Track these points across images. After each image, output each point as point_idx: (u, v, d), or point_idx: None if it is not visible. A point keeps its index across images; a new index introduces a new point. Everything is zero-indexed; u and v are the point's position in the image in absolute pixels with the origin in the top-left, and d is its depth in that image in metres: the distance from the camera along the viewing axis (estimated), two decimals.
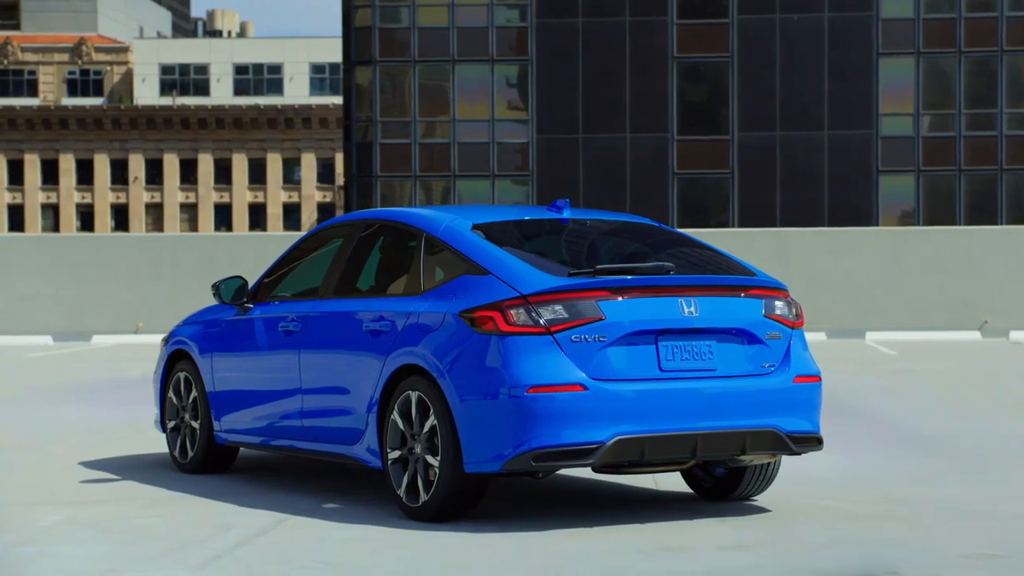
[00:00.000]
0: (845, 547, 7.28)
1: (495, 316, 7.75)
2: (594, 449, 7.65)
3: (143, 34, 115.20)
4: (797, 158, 52.91)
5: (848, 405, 14.72)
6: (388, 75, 54.05)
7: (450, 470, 7.85)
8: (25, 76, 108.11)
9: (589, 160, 53.02)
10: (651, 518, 8.11)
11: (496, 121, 53.96)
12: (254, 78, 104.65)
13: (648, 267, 8.06)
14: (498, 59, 53.87)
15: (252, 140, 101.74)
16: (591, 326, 7.73)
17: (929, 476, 9.77)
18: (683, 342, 7.94)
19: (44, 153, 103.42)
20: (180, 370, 10.25)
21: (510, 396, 7.63)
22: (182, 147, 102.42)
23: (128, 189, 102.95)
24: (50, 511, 8.42)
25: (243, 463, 10.50)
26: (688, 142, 53.30)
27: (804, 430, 8.19)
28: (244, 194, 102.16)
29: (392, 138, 53.93)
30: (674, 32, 53.23)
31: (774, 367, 8.17)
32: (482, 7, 53.83)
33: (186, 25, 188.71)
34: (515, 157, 54.14)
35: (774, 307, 8.25)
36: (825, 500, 8.74)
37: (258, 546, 7.38)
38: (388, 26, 54.06)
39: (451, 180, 54.25)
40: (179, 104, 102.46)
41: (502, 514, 8.23)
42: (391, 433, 8.21)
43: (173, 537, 7.59)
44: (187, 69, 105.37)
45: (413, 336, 8.12)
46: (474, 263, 8.09)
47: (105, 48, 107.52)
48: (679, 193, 53.20)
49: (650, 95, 53.23)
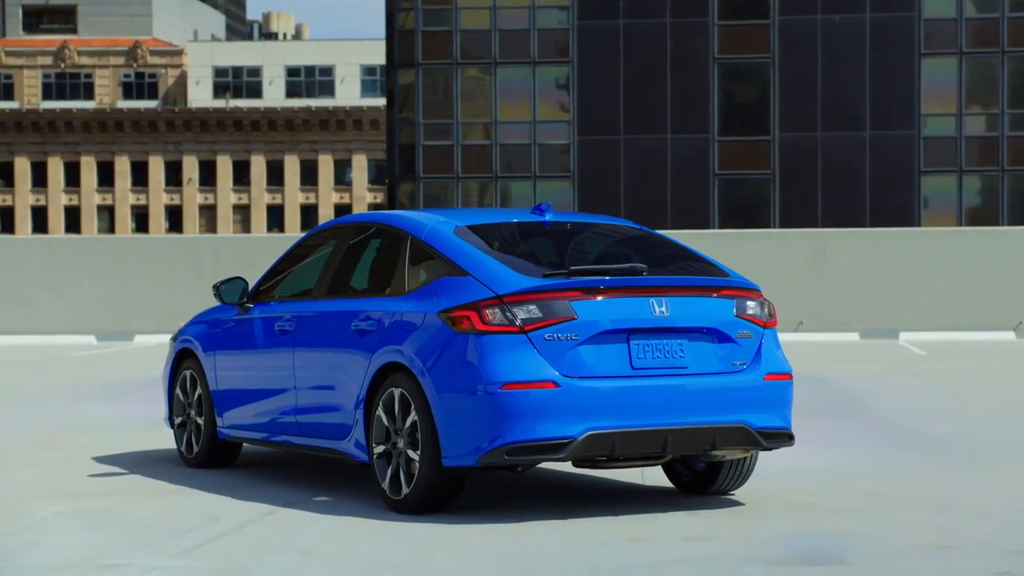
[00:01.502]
0: (802, 538, 7.53)
1: (471, 316, 8.05)
2: (566, 443, 7.94)
3: (197, 37, 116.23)
4: (838, 159, 52.93)
5: (860, 404, 14.93)
6: (431, 77, 54.50)
7: (429, 464, 8.15)
8: (82, 79, 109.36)
9: (630, 161, 53.25)
10: (626, 511, 8.38)
11: (537, 122, 54.29)
12: (306, 80, 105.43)
13: (620, 268, 8.34)
14: (540, 61, 54.20)
15: (304, 142, 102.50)
16: (563, 325, 8.02)
17: (914, 473, 9.98)
18: (654, 341, 8.21)
19: (100, 155, 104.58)
20: (186, 368, 10.61)
21: (485, 392, 7.93)
22: (235, 149, 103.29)
23: (182, 191, 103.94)
24: (52, 503, 8.79)
25: (246, 458, 10.85)
26: (729, 143, 53.45)
27: (774, 426, 8.44)
28: (296, 195, 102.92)
29: (435, 139, 54.38)
30: (715, 33, 53.39)
31: (745, 365, 8.42)
32: (524, 9, 54.18)
33: (241, 28, 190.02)
34: (556, 158, 54.44)
35: (746, 307, 8.50)
36: (801, 495, 8.99)
37: (241, 536, 7.72)
38: (431, 29, 54.51)
39: (493, 181, 54.61)
40: (232, 106, 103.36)
41: (482, 507, 8.53)
42: (376, 428, 8.52)
43: (162, 527, 7.94)
44: (240, 72, 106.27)
45: (397, 335, 8.43)
46: (455, 264, 8.40)
47: (160, 51, 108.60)
48: (720, 194, 53.35)
49: (691, 96, 53.40)
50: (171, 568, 6.86)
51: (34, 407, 15.08)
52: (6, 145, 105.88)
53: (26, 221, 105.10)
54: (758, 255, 28.56)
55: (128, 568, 6.85)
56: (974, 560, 6.96)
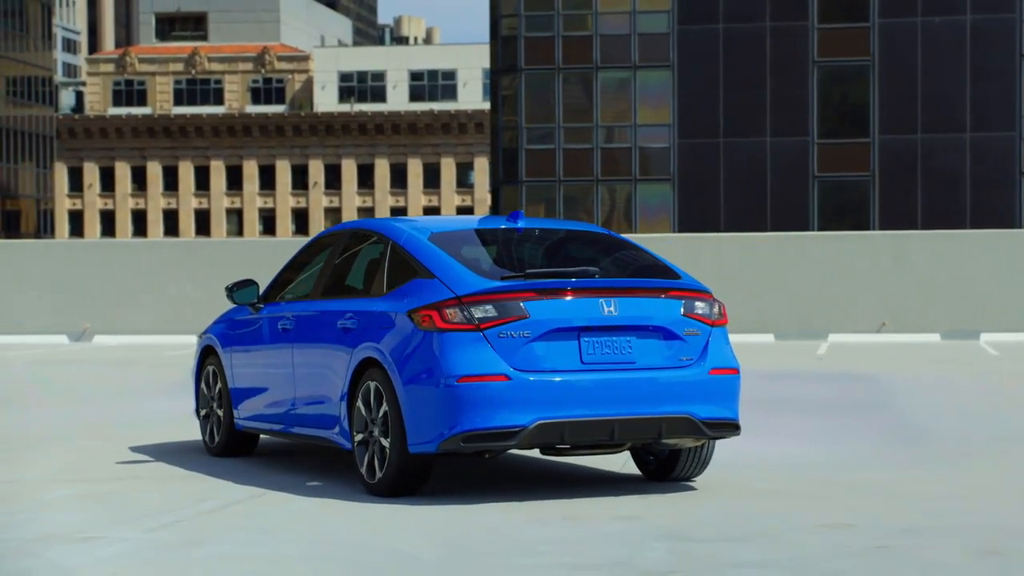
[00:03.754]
0: (722, 517, 8.16)
1: (433, 315, 8.81)
2: (517, 432, 8.66)
3: (324, 43, 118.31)
4: (938, 160, 52.82)
5: (886, 401, 15.35)
6: (533, 82, 55.35)
7: (398, 450, 8.92)
8: (212, 85, 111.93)
9: (730, 164, 53.64)
10: (580, 495, 9.06)
11: (638, 126, 54.89)
12: (429, 84, 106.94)
13: (572, 271, 9.03)
14: (640, 65, 54.79)
15: (427, 145, 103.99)
16: (517, 323, 8.74)
17: (879, 464, 10.49)
18: (604, 338, 8.89)
19: (228, 159, 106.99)
20: (209, 364, 11.50)
21: (444, 385, 8.67)
22: (359, 152, 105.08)
23: (308, 194, 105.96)
24: (65, 486, 9.68)
25: (265, 447, 11.70)
26: (829, 145, 53.60)
27: (719, 417, 9.07)
28: (419, 198, 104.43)
29: (537, 144, 55.24)
30: (815, 36, 53.57)
31: (692, 360, 9.06)
32: (624, 15, 54.83)
33: (372, 32, 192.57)
34: (657, 162, 55.00)
35: (694, 307, 9.14)
36: (755, 482, 9.59)
37: (220, 515, 8.53)
38: (533, 35, 55.35)
39: (594, 184, 55.32)
40: (356, 110, 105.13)
41: (451, 491, 9.26)
42: (356, 419, 9.31)
43: (152, 507, 8.79)
44: (364, 76, 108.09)
45: (374, 332, 9.21)
46: (424, 268, 9.16)
47: (287, 57, 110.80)
48: (819, 196, 53.51)
49: (790, 99, 53.63)
50: (139, 540, 7.69)
51: (102, 402, 16.10)
52: (139, 150, 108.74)
53: (158, 224, 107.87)
54: (842, 256, 28.85)
55: (101, 540, 7.68)
56: (864, 537, 7.53)
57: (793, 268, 28.55)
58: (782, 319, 28.30)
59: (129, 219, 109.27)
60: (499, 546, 7.45)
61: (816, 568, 6.84)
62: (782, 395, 16.42)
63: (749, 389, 17.25)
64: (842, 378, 18.88)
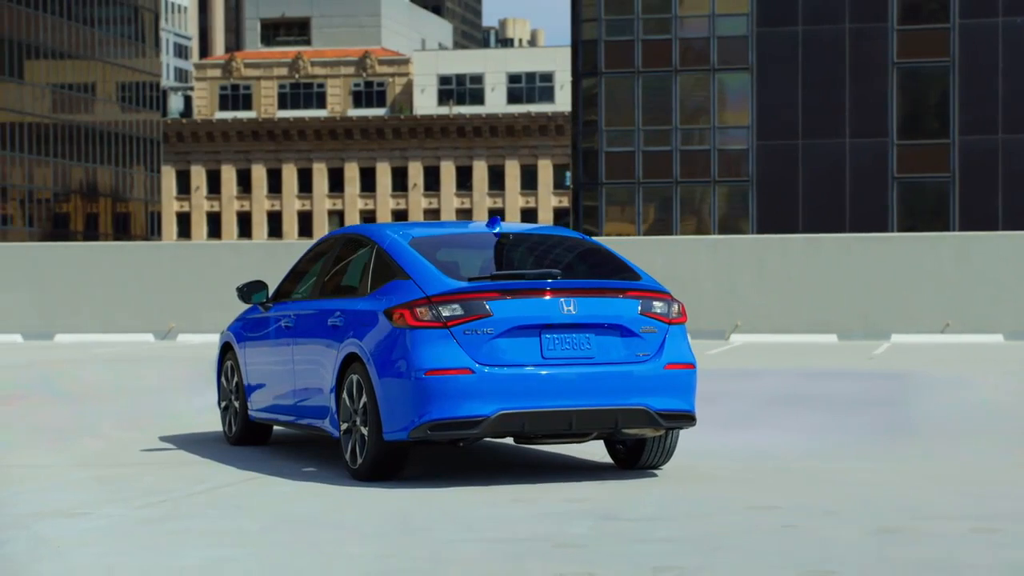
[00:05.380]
0: (661, 500, 8.78)
1: (405, 313, 9.56)
2: (479, 421, 9.37)
3: (425, 46, 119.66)
4: (1019, 161, 52.59)
5: (909, 398, 15.78)
6: (613, 86, 55.99)
7: (374, 438, 9.67)
8: (315, 89, 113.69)
9: (808, 165, 53.84)
10: (544, 480, 9.73)
11: (717, 128, 55.30)
12: (527, 86, 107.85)
13: (535, 273, 9.73)
14: (719, 68, 55.21)
15: (524, 147, 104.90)
16: (481, 321, 9.45)
17: (848, 455, 11.00)
18: (564, 335, 9.58)
19: (330, 162, 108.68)
20: (228, 359, 12.34)
21: (413, 378, 9.41)
22: (458, 155, 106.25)
23: (407, 196, 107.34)
24: (80, 470, 10.53)
25: (279, 437, 12.52)
26: (908, 146, 53.62)
27: (674, 408, 9.71)
28: (516, 199, 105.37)
29: (616, 146, 55.87)
30: (894, 37, 53.63)
31: (648, 356, 9.72)
32: (704, 18, 55.29)
33: (477, 35, 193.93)
34: (735, 163, 55.36)
35: (651, 306, 9.79)
36: (717, 470, 10.20)
37: (205, 495, 9.33)
38: (613, 39, 55.99)
39: (672, 186, 55.82)
40: (455, 113, 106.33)
41: (428, 477, 9.99)
42: (343, 409, 10.08)
43: (146, 488, 9.60)
44: (463, 79, 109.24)
45: (357, 329, 9.98)
46: (402, 270, 9.91)
47: (388, 60, 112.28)
48: (899, 197, 53.54)
49: (870, 100, 53.71)
50: (122, 516, 8.49)
51: (158, 396, 17.04)
52: (244, 153, 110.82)
53: (262, 226, 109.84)
54: (907, 256, 29.07)
55: (88, 516, 8.50)
56: (781, 517, 8.08)
57: (857, 269, 28.78)
58: (846, 320, 28.56)
59: (234, 221, 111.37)
60: (438, 522, 8.16)
61: (719, 543, 7.45)
62: (804, 392, 16.94)
63: (774, 387, 17.84)
64: (877, 377, 19.29)
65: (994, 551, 7.26)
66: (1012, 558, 7.09)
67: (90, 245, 34.92)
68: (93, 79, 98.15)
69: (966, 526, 7.92)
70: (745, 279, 28.96)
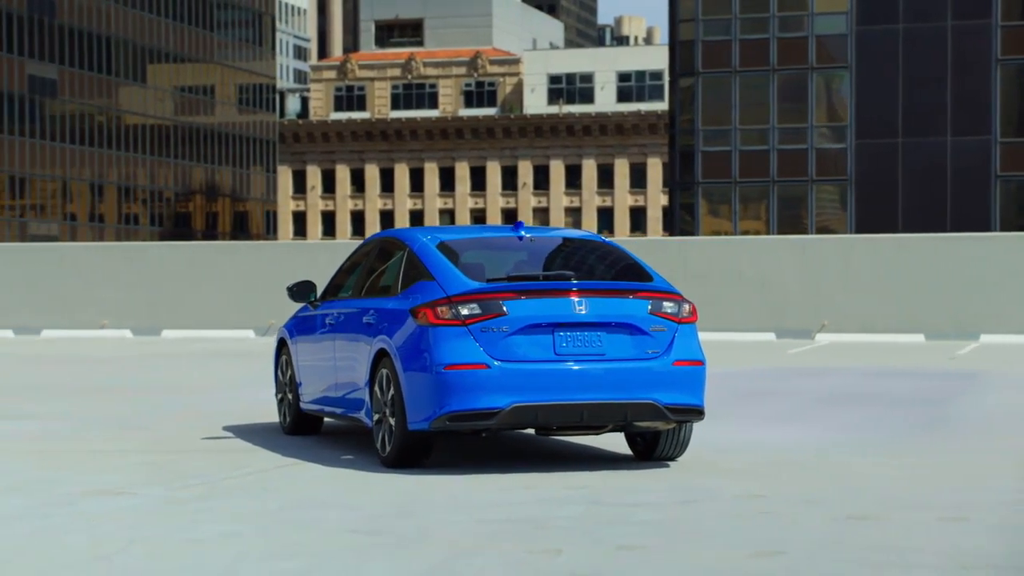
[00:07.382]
0: (658, 489, 9.33)
1: (428, 312, 10.25)
2: (495, 413, 10.04)
3: (536, 45, 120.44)
4: None
5: (957, 399, 16.11)
6: (710, 85, 56.32)
7: (400, 428, 10.38)
8: (427, 89, 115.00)
9: (908, 164, 53.69)
10: (557, 470, 10.36)
11: (815, 127, 55.37)
12: (636, 85, 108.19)
13: (550, 274, 10.39)
14: (817, 67, 55.28)
15: (633, 145, 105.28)
16: (497, 320, 10.12)
17: (863, 449, 11.42)
18: (576, 333, 10.21)
19: (442, 162, 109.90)
20: (283, 354, 13.12)
21: (433, 372, 10.11)
22: (567, 153, 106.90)
23: (517, 195, 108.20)
24: (141, 456, 11.31)
25: (330, 427, 13.28)
26: (1012, 144, 53.27)
27: (682, 403, 10.30)
28: (625, 198, 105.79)
29: (713, 145, 56.18)
30: (998, 34, 53.34)
31: (658, 353, 10.31)
32: (802, 16, 55.37)
33: (592, 33, 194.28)
34: (833, 163, 55.36)
35: (661, 306, 10.39)
36: (728, 462, 10.71)
37: (241, 479, 10.07)
38: (711, 39, 56.30)
39: (769, 186, 55.98)
40: (565, 112, 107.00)
41: (450, 464, 10.66)
42: (375, 401, 10.80)
43: (190, 472, 10.36)
44: (573, 78, 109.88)
45: (387, 327, 10.69)
46: (428, 271, 10.62)
47: (498, 60, 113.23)
48: (1002, 195, 53.22)
49: (972, 98, 53.44)
50: (159, 496, 9.25)
51: (239, 389, 17.89)
52: (357, 153, 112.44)
53: (375, 225, 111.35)
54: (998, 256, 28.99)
55: (129, 496, 9.27)
56: (762, 505, 8.55)
57: (946, 268, 28.78)
58: (935, 319, 28.56)
59: (348, 220, 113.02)
60: (440, 505, 8.82)
61: (689, 527, 7.99)
62: (857, 391, 17.30)
63: (831, 385, 18.26)
64: (945, 376, 19.46)
65: (951, 538, 7.65)
66: (963, 544, 7.46)
67: (197, 244, 36.07)
68: (212, 82, 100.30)
69: (934, 515, 8.36)
70: (832, 279, 29.18)
